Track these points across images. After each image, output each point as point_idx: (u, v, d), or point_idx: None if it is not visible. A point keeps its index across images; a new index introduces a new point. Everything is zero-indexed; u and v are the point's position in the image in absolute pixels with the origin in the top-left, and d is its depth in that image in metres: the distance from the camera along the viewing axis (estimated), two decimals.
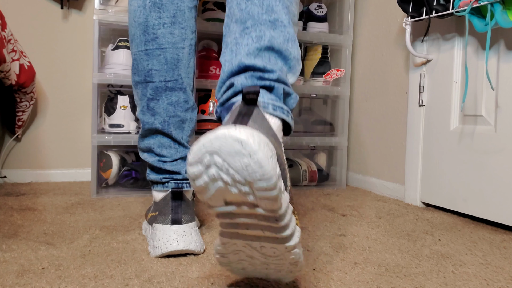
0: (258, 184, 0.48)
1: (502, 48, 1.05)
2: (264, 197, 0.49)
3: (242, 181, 0.48)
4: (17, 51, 1.36)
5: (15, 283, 0.65)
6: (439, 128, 1.23)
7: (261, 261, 0.58)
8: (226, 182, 0.49)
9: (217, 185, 0.50)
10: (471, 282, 0.70)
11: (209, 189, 0.51)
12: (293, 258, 0.56)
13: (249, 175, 0.47)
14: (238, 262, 0.60)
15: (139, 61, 0.83)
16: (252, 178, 0.48)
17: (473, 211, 1.11)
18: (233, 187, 0.50)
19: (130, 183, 1.40)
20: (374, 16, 1.53)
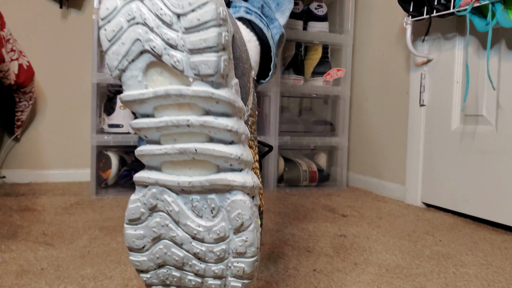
0: (192, 17, 0.39)
1: (503, 48, 1.05)
2: (198, 48, 0.39)
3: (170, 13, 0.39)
4: (16, 50, 1.36)
5: (15, 284, 0.65)
6: (440, 128, 1.23)
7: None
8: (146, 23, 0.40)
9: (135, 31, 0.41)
10: (472, 283, 0.70)
11: (122, 39, 0.41)
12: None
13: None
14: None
15: None
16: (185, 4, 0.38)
17: (474, 212, 1.11)
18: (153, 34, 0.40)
19: (129, 183, 1.39)
20: (375, 16, 1.53)
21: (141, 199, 0.45)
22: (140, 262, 0.46)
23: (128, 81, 0.43)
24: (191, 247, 0.44)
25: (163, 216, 0.45)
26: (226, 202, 0.43)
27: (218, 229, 0.43)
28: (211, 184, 0.42)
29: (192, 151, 0.42)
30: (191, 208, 0.44)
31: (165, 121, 0.42)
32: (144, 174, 0.45)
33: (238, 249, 0.43)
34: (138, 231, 0.45)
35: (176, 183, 0.43)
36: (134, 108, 0.43)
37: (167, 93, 0.41)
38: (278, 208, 1.20)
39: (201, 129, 0.42)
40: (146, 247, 0.46)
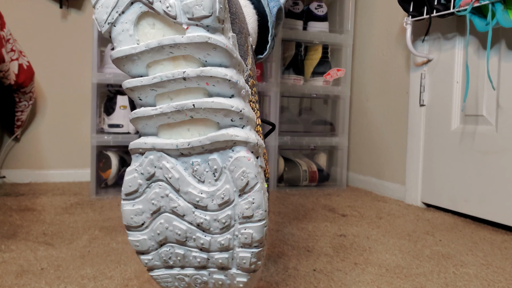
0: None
1: (503, 48, 1.04)
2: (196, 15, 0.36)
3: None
4: (16, 50, 1.36)
5: (14, 284, 0.65)
6: (440, 128, 1.23)
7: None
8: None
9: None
10: (472, 283, 0.70)
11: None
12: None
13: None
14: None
15: None
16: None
17: (474, 212, 1.11)
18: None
19: None
20: (375, 16, 1.53)
21: (138, 168, 0.41)
22: (140, 242, 0.43)
23: (118, 36, 0.39)
24: (194, 218, 0.41)
25: (162, 185, 0.41)
26: (229, 161, 0.39)
27: (222, 193, 0.39)
28: (211, 142, 0.39)
29: (189, 107, 0.38)
30: (192, 173, 0.40)
31: (160, 76, 0.39)
32: (139, 141, 0.41)
33: (244, 212, 0.40)
34: (137, 206, 0.42)
35: (174, 145, 0.40)
36: (126, 67, 0.40)
37: (160, 44, 0.38)
38: (278, 208, 1.20)
39: (198, 82, 0.38)
40: (145, 224, 0.42)
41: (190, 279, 0.43)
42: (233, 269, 0.42)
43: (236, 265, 0.42)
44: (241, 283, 0.42)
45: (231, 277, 0.42)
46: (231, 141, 0.38)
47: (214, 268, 0.42)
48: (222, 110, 0.38)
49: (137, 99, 0.40)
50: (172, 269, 0.43)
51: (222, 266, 0.42)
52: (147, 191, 0.41)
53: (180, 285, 0.44)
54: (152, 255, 0.43)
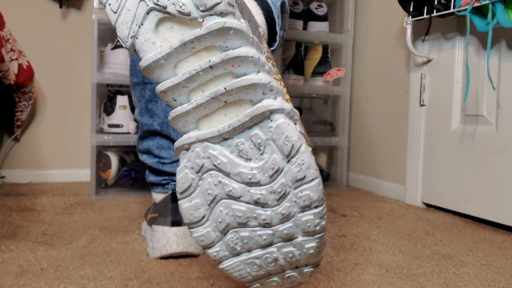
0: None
1: (504, 48, 1.04)
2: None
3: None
4: (16, 50, 1.36)
5: (14, 284, 0.65)
6: (440, 128, 1.23)
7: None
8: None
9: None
10: (472, 283, 0.70)
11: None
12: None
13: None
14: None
15: (136, 62, 0.83)
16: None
17: (474, 212, 1.11)
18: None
19: (129, 183, 1.39)
20: (375, 15, 1.53)
21: (187, 164, 0.43)
22: (204, 236, 0.43)
23: (142, 47, 0.42)
24: (251, 196, 0.42)
25: (214, 173, 0.42)
26: (270, 131, 0.40)
27: (271, 164, 0.41)
28: (250, 117, 0.40)
29: (222, 91, 0.40)
30: (238, 154, 0.42)
31: (189, 71, 0.41)
32: (183, 138, 0.43)
33: (296, 176, 0.40)
34: (194, 201, 0.43)
35: (216, 132, 0.41)
36: (155, 73, 0.42)
37: (182, 42, 0.40)
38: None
39: (224, 67, 0.41)
40: (206, 216, 0.43)
41: (260, 261, 0.43)
42: (299, 236, 0.42)
43: (301, 232, 0.42)
44: (311, 249, 0.42)
45: (299, 246, 0.42)
46: (267, 111, 0.40)
47: (281, 241, 0.42)
48: (252, 85, 0.40)
49: (172, 100, 0.42)
50: (240, 256, 0.44)
51: (288, 236, 0.42)
52: (200, 183, 0.43)
53: (252, 270, 0.44)
54: (219, 246, 0.44)
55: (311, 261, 0.43)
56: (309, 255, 0.43)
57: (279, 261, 0.43)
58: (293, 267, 0.44)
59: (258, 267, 0.44)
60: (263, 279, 0.45)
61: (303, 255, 0.43)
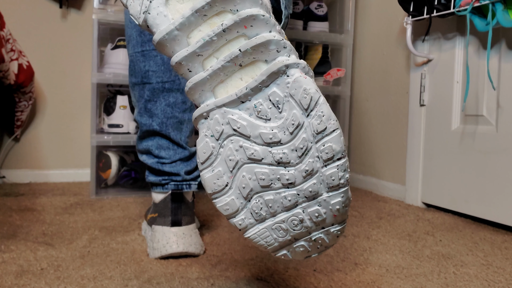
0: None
1: (504, 48, 1.04)
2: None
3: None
4: (16, 50, 1.36)
5: (14, 284, 0.65)
6: (440, 128, 1.23)
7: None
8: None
9: None
10: (472, 283, 0.70)
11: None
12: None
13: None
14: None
15: (135, 62, 0.83)
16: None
17: (474, 212, 1.11)
18: None
19: (129, 183, 1.39)
20: (375, 15, 1.53)
21: (207, 133, 0.43)
22: (229, 204, 0.43)
23: (155, 21, 0.42)
24: (273, 156, 0.41)
25: (234, 139, 0.42)
26: (288, 86, 0.40)
27: (291, 120, 0.40)
28: (267, 76, 0.40)
29: (236, 53, 0.41)
30: (258, 116, 0.41)
31: (202, 38, 0.41)
32: (201, 107, 0.43)
33: (317, 128, 0.40)
34: (216, 169, 0.43)
35: (234, 95, 0.42)
36: (169, 46, 0.43)
37: (193, 10, 0.41)
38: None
39: (237, 29, 0.41)
40: (229, 184, 0.43)
41: (286, 224, 0.43)
42: (324, 193, 0.42)
43: (326, 187, 0.41)
44: (337, 204, 0.42)
45: (325, 203, 0.42)
46: (283, 66, 0.40)
47: (306, 201, 0.42)
48: (266, 42, 0.40)
49: (187, 71, 0.42)
50: (266, 221, 0.43)
51: (313, 194, 0.42)
52: (221, 151, 0.42)
53: (278, 235, 0.43)
54: (243, 213, 0.43)
55: (337, 219, 0.42)
56: (335, 211, 0.42)
57: (304, 223, 0.43)
58: (319, 228, 0.43)
59: (284, 232, 0.43)
60: (290, 245, 0.44)
61: (329, 212, 0.42)
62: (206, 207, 1.19)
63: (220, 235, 0.92)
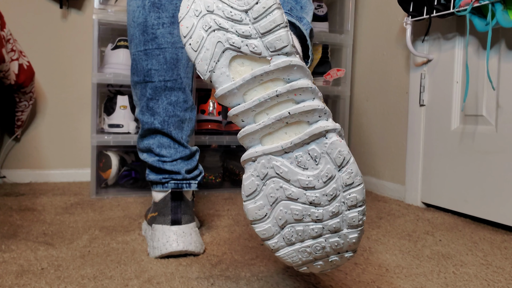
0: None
1: (503, 48, 1.05)
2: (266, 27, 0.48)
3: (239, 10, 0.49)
4: (16, 50, 1.36)
5: (15, 284, 0.65)
6: (440, 128, 1.23)
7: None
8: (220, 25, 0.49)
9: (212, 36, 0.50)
10: (472, 283, 0.70)
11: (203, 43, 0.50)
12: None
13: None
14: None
15: (138, 61, 0.83)
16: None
17: (474, 212, 1.11)
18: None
19: (129, 183, 1.40)
20: (375, 16, 1.53)
21: (253, 173, 0.51)
22: (266, 230, 0.51)
23: (219, 79, 0.51)
24: (307, 198, 0.50)
25: (276, 180, 0.51)
26: (325, 146, 0.49)
27: (325, 172, 0.50)
28: (309, 136, 0.49)
29: (286, 115, 0.49)
30: (297, 165, 0.50)
31: (258, 99, 0.50)
32: (250, 151, 0.51)
33: (346, 182, 0.50)
34: (258, 202, 0.51)
35: (279, 147, 0.50)
36: (228, 99, 0.51)
37: (253, 76, 0.49)
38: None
39: (288, 95, 0.49)
40: (267, 215, 0.51)
41: (310, 249, 0.52)
42: (344, 229, 0.51)
43: (346, 225, 0.51)
44: (353, 239, 0.51)
45: (344, 236, 0.51)
46: (324, 131, 0.49)
47: (329, 233, 0.51)
48: (311, 110, 0.49)
49: (241, 121, 0.52)
50: (294, 245, 0.52)
51: (335, 229, 0.51)
52: (263, 188, 0.51)
53: (303, 256, 0.52)
54: (277, 238, 0.52)
55: (352, 248, 0.52)
56: (351, 243, 0.51)
57: (326, 249, 0.52)
58: (336, 253, 0.52)
59: (308, 254, 0.52)
60: (310, 263, 0.53)
61: (346, 243, 0.51)
62: (206, 207, 1.19)
63: (220, 235, 0.93)
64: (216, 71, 0.51)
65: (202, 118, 1.41)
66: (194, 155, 0.87)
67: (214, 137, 1.38)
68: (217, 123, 1.42)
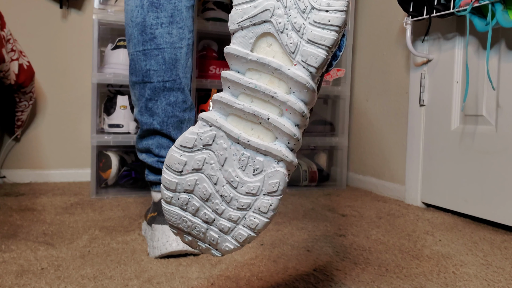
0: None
1: (503, 48, 1.05)
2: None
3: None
4: (16, 50, 1.36)
5: (15, 284, 0.65)
6: (440, 128, 1.23)
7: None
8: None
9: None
10: (472, 283, 0.70)
11: None
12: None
13: None
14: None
15: (136, 62, 0.83)
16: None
17: (474, 212, 1.11)
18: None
19: (129, 183, 1.40)
20: (375, 16, 1.53)
21: (200, 134, 0.49)
22: (170, 182, 0.50)
23: (240, 38, 0.48)
24: (222, 189, 0.50)
25: (211, 155, 0.49)
26: (271, 169, 0.48)
27: (253, 186, 0.49)
28: (266, 150, 0.48)
29: (264, 118, 0.47)
30: (238, 160, 0.49)
31: (255, 85, 0.47)
32: (212, 116, 0.49)
33: (261, 208, 0.49)
34: (183, 158, 0.50)
35: (237, 135, 0.48)
36: (232, 61, 0.49)
37: (268, 63, 0.47)
38: (278, 208, 1.20)
39: (280, 105, 0.47)
40: (182, 173, 0.50)
41: (192, 224, 0.52)
42: (228, 236, 0.51)
43: (231, 235, 0.51)
44: (227, 247, 0.51)
45: (223, 239, 0.51)
46: (280, 157, 0.48)
47: (215, 228, 0.51)
48: (287, 134, 0.47)
49: (227, 87, 0.49)
50: (183, 212, 0.51)
51: (221, 230, 0.51)
52: (197, 152, 0.50)
53: (181, 224, 0.52)
54: (174, 195, 0.51)
55: (221, 251, 0.52)
56: (224, 249, 0.52)
57: (201, 235, 0.52)
58: (207, 244, 0.53)
59: (187, 226, 0.52)
60: (182, 233, 0.53)
61: (220, 245, 0.52)
62: None
63: None
64: (244, 31, 0.48)
65: None
66: None
67: None
68: None
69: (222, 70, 1.43)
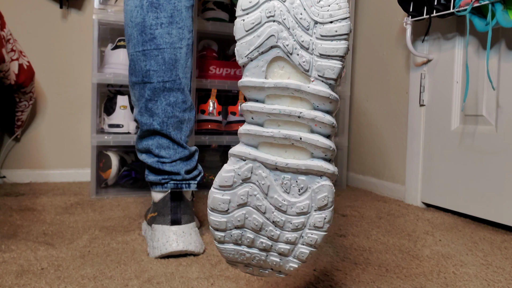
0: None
1: (503, 48, 1.05)
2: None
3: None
4: (16, 50, 1.36)
5: (15, 284, 0.65)
6: (439, 128, 1.23)
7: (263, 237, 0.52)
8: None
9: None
10: (472, 283, 0.70)
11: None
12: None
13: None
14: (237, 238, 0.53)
15: (136, 62, 0.83)
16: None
17: (474, 212, 1.11)
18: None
19: (129, 183, 1.40)
20: (375, 16, 1.53)
21: (236, 170, 0.49)
22: (219, 222, 0.51)
23: (252, 69, 0.48)
24: (272, 216, 0.50)
25: (253, 187, 0.49)
26: (316, 185, 0.48)
27: (302, 205, 0.49)
28: (306, 169, 0.48)
29: (296, 138, 0.47)
30: (281, 184, 0.49)
31: (279, 110, 0.47)
32: (244, 150, 0.49)
33: (316, 223, 0.49)
34: (226, 197, 0.50)
35: (274, 162, 0.48)
36: (249, 92, 0.48)
37: (286, 86, 0.47)
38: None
39: (308, 122, 0.47)
40: (229, 211, 0.50)
41: (250, 256, 0.52)
42: (290, 257, 0.51)
43: (293, 255, 0.51)
44: (292, 267, 0.51)
45: (285, 261, 0.51)
46: (322, 172, 0.48)
47: (274, 253, 0.51)
48: (322, 148, 0.47)
49: (250, 118, 0.49)
50: (239, 246, 0.52)
51: (282, 253, 0.51)
52: (238, 188, 0.50)
53: (240, 257, 0.52)
54: (225, 233, 0.51)
55: (285, 272, 0.53)
56: (288, 269, 0.52)
57: (263, 262, 0.52)
58: (270, 269, 0.53)
59: (246, 258, 0.52)
60: (242, 265, 0.54)
61: (283, 267, 0.52)
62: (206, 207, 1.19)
63: None
64: (254, 61, 0.48)
65: (202, 118, 1.41)
66: (193, 155, 0.87)
67: (214, 137, 1.38)
68: (217, 123, 1.42)
69: (222, 70, 1.43)
